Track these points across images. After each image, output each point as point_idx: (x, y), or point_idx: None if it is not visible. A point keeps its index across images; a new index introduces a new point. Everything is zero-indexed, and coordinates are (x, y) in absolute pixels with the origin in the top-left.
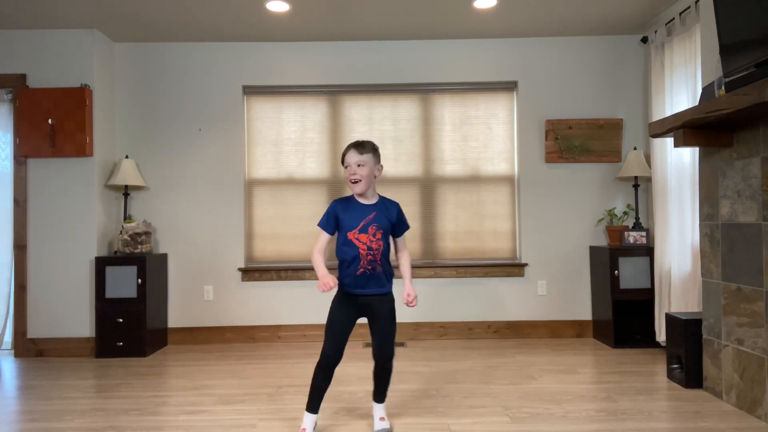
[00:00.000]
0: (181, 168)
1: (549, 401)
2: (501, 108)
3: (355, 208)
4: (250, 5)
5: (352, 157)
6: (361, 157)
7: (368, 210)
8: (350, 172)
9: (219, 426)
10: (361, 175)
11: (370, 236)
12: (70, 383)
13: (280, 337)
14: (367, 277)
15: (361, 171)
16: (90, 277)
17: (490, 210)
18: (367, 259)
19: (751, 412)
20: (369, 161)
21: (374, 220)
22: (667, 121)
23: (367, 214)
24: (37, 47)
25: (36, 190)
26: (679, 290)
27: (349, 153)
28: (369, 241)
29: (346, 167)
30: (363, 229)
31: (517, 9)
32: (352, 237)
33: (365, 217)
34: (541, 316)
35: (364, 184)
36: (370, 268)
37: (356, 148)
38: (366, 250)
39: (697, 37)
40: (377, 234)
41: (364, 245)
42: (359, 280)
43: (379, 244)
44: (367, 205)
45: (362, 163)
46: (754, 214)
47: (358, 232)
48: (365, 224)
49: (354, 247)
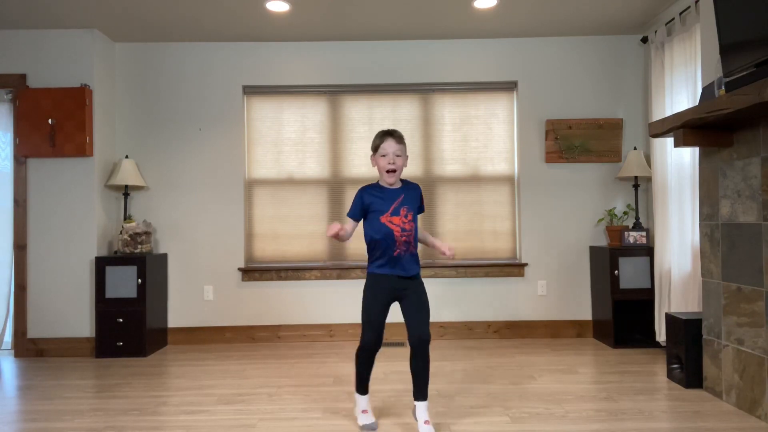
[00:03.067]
0: (181, 168)
1: (549, 401)
2: (501, 108)
3: (384, 192)
4: (250, 5)
5: (391, 147)
6: (399, 146)
7: (397, 193)
8: (388, 161)
9: (219, 426)
10: (398, 165)
11: (402, 218)
12: (70, 383)
13: (280, 337)
14: (404, 258)
15: (399, 161)
16: (90, 277)
17: (490, 210)
18: (402, 240)
19: (751, 412)
20: (404, 152)
21: (404, 202)
22: (667, 121)
23: (396, 197)
24: (37, 47)
25: (36, 190)
26: (679, 290)
27: (388, 142)
28: (402, 223)
29: (383, 156)
30: (395, 211)
31: (517, 9)
32: (386, 221)
33: (395, 200)
34: (541, 316)
35: (399, 174)
36: (405, 249)
37: (394, 138)
38: (400, 231)
39: (697, 37)
40: (408, 216)
41: (398, 227)
42: (397, 262)
43: (411, 225)
44: (395, 189)
45: (400, 153)
46: (754, 214)
47: (390, 215)
48: (396, 207)
49: (389, 230)
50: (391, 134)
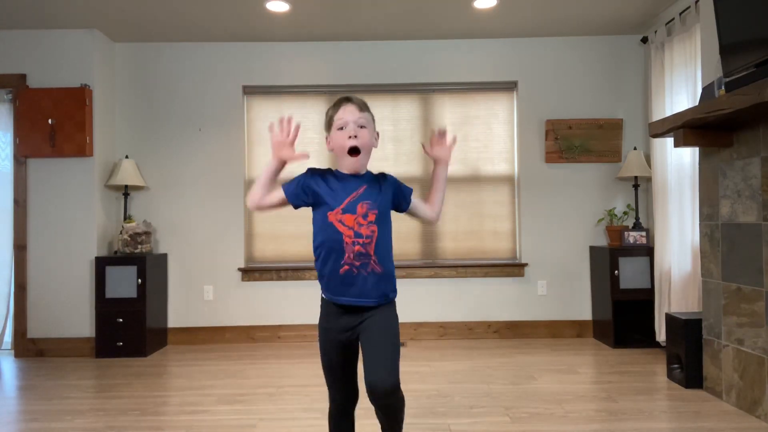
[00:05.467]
0: (181, 168)
1: (549, 401)
2: (501, 108)
3: (338, 179)
4: (250, 5)
5: (351, 114)
6: (363, 114)
7: (356, 183)
8: (348, 134)
9: (219, 426)
10: (364, 139)
11: (359, 218)
12: (70, 383)
13: (280, 337)
14: (353, 277)
15: (364, 134)
16: (90, 277)
17: (490, 210)
18: (353, 250)
19: (751, 412)
20: (370, 122)
21: (365, 195)
22: (667, 121)
23: (355, 187)
24: (37, 47)
25: (36, 190)
26: (679, 290)
27: (346, 107)
28: (357, 225)
29: (341, 129)
30: (349, 207)
31: (517, 9)
32: (333, 219)
33: (353, 191)
34: (541, 316)
35: (365, 157)
36: (358, 264)
37: (354, 103)
38: (353, 237)
39: (697, 37)
40: (370, 215)
41: (349, 230)
42: (342, 283)
43: (371, 229)
44: (354, 176)
45: (364, 124)
46: (754, 214)
47: (341, 212)
48: (352, 201)
49: (335, 233)
50: (348, 100)
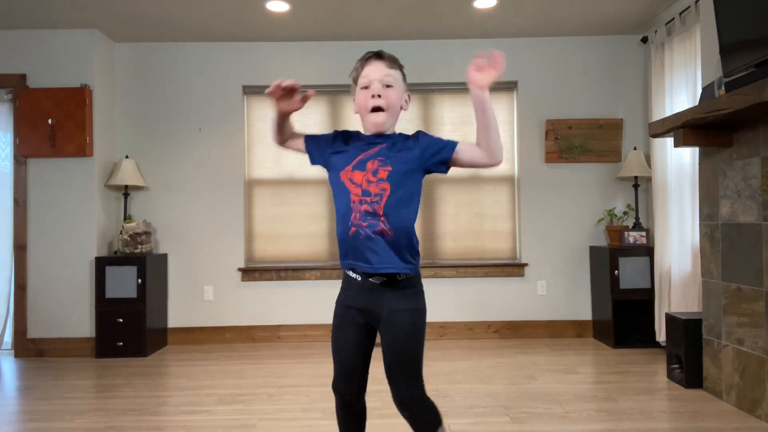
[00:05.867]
0: (181, 168)
1: (549, 401)
2: (501, 108)
3: (356, 140)
4: (250, 5)
5: (377, 71)
6: (390, 72)
7: (374, 142)
8: (372, 92)
9: (219, 426)
10: (388, 100)
11: (368, 174)
12: (70, 383)
13: (280, 337)
14: (360, 241)
15: (390, 95)
16: (90, 277)
17: (490, 210)
18: (360, 209)
19: (751, 412)
20: (399, 81)
21: (380, 152)
22: (667, 121)
23: (370, 146)
24: (37, 47)
25: (36, 190)
26: (679, 290)
27: (372, 64)
28: (366, 182)
29: (364, 87)
30: (359, 164)
31: (517, 9)
32: (344, 178)
33: (369, 149)
34: (541, 316)
35: (389, 116)
36: (365, 225)
37: (382, 59)
38: (360, 195)
39: (697, 37)
40: (381, 171)
41: (357, 187)
42: (351, 247)
43: (382, 187)
44: (374, 136)
45: (391, 83)
46: (754, 214)
47: (351, 169)
48: (364, 158)
49: (344, 192)
50: (376, 55)
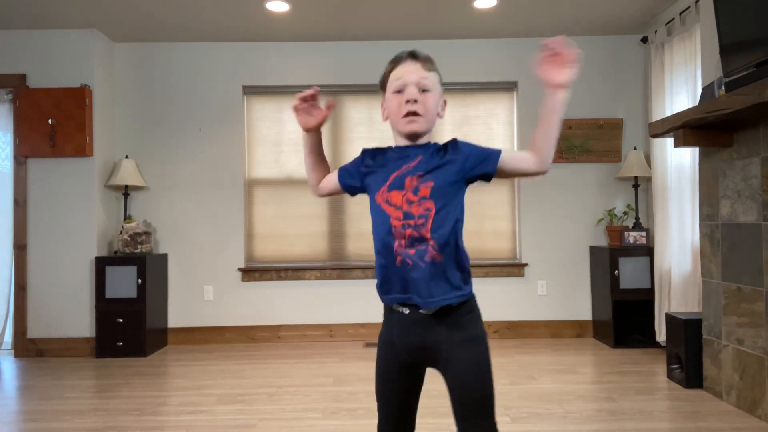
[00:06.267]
0: (181, 168)
1: (549, 401)
2: (501, 108)
3: (389, 155)
4: (250, 5)
5: (413, 73)
6: (427, 75)
7: (409, 155)
8: (407, 97)
9: (219, 426)
10: (426, 106)
11: (408, 193)
12: (70, 383)
13: (280, 337)
14: (409, 271)
15: (428, 100)
16: (90, 277)
17: (490, 210)
18: (404, 235)
19: (751, 412)
20: (437, 85)
21: (419, 166)
22: (667, 121)
23: (406, 160)
24: (37, 47)
25: (36, 190)
26: (679, 290)
27: (406, 64)
28: (406, 203)
29: (397, 92)
30: (396, 182)
31: (517, 9)
32: (380, 200)
33: (405, 164)
34: (541, 316)
35: (426, 123)
36: (413, 252)
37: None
38: (401, 218)
39: (697, 37)
40: (422, 189)
41: (397, 210)
42: (396, 279)
43: (426, 206)
44: (409, 149)
45: (429, 87)
46: (754, 214)
47: (387, 189)
48: (401, 174)
49: (383, 217)
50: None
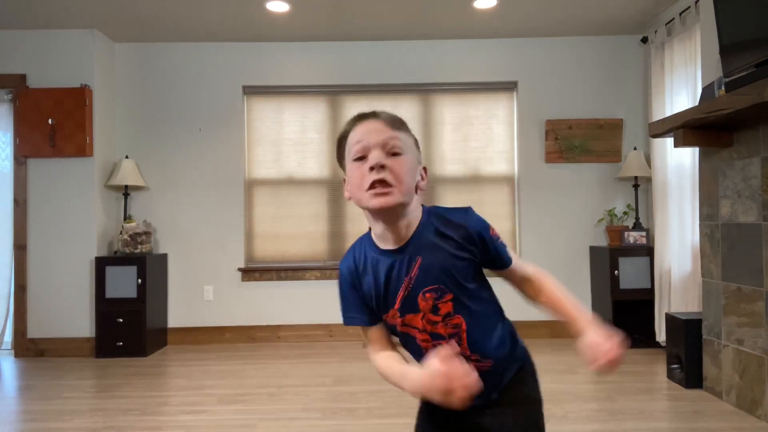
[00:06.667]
0: (181, 168)
1: (549, 401)
2: (501, 108)
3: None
4: (250, 5)
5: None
6: (394, 134)
7: (400, 261)
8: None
9: (219, 426)
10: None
11: (427, 315)
12: (70, 383)
13: (280, 337)
14: None
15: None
16: (90, 277)
17: (490, 210)
18: None
19: (751, 412)
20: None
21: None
22: (667, 121)
23: (402, 272)
24: (37, 47)
25: (36, 190)
26: (679, 290)
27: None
28: (429, 325)
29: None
30: (407, 306)
31: (516, 9)
32: (394, 322)
33: (402, 278)
34: (541, 316)
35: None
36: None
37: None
38: (430, 340)
39: (697, 37)
40: (441, 307)
41: (422, 333)
42: None
43: (453, 323)
44: (393, 251)
45: (398, 150)
46: (754, 214)
47: (399, 314)
48: (408, 295)
49: (407, 338)
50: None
